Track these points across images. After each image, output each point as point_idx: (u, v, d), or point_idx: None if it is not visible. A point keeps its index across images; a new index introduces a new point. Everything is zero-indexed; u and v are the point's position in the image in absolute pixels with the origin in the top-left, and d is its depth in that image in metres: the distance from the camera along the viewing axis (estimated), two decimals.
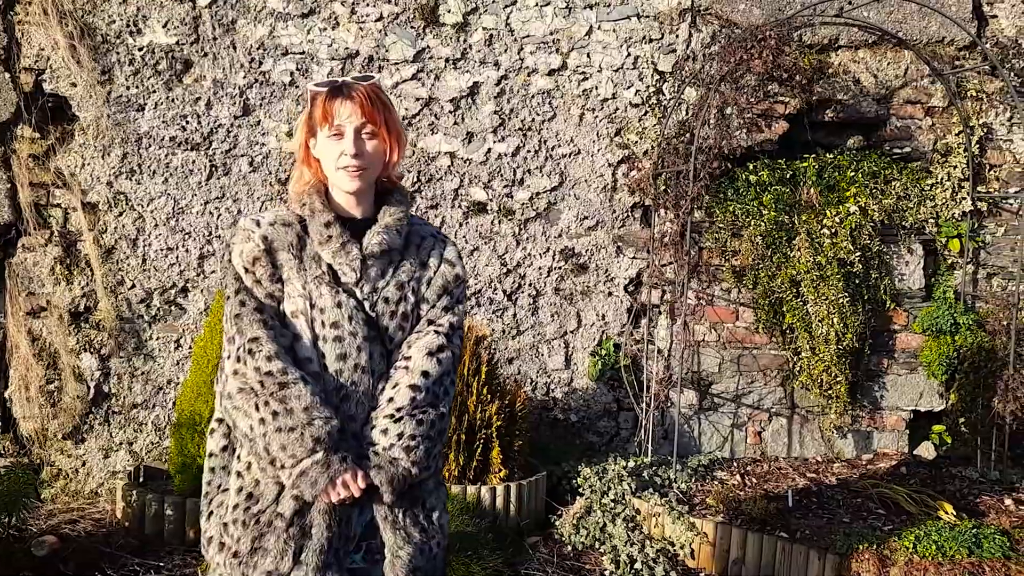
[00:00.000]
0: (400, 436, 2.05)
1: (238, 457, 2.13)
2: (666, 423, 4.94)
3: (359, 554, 2.15)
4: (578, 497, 4.32)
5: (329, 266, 2.10)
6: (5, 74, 4.47)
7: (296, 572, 2.01)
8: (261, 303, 2.07)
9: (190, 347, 4.73)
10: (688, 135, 4.66)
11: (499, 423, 4.14)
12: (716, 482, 4.44)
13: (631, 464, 4.49)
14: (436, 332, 2.16)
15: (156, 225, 4.66)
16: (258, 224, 2.13)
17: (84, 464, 4.73)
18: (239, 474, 2.09)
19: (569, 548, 4.09)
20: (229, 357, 2.06)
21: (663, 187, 4.77)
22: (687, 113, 4.83)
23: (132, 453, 4.73)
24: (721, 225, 4.82)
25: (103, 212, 4.64)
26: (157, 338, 4.73)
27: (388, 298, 2.14)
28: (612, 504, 4.16)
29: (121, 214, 4.64)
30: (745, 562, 3.76)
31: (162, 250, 4.67)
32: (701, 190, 4.50)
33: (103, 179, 4.61)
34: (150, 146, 4.62)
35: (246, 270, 2.09)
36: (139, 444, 4.74)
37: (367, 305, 2.11)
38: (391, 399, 2.08)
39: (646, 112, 4.88)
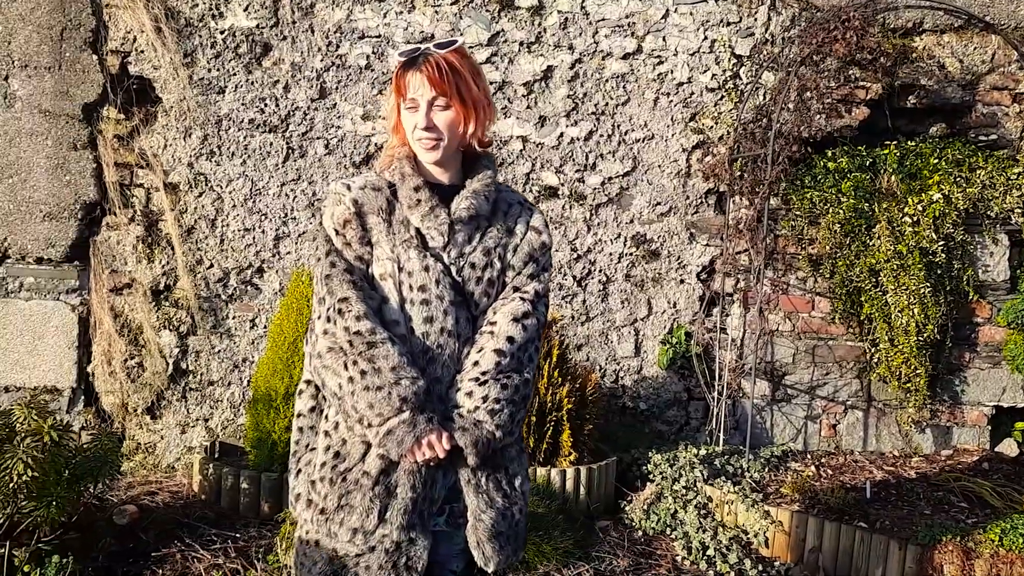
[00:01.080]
0: (485, 399, 2.05)
1: (326, 417, 2.15)
2: (737, 413, 4.88)
3: (442, 517, 2.16)
4: (648, 483, 4.29)
5: (417, 230, 2.12)
6: (93, 56, 4.59)
7: (381, 530, 2.02)
8: (351, 265, 2.09)
9: (265, 326, 4.81)
10: (765, 120, 4.59)
11: (569, 406, 4.13)
12: (790, 472, 4.37)
13: (702, 452, 4.44)
14: (522, 299, 2.16)
15: (234, 206, 4.74)
16: (349, 188, 2.15)
17: (162, 439, 4.84)
18: (327, 433, 2.12)
19: (639, 533, 4.06)
20: (319, 317, 2.08)
21: (739, 173, 4.71)
22: (764, 98, 4.76)
23: (208, 429, 4.83)
24: (798, 212, 4.74)
25: (184, 192, 4.74)
26: (233, 317, 4.82)
27: (475, 263, 2.14)
28: (683, 491, 4.12)
29: (201, 194, 4.73)
30: (822, 551, 3.69)
31: (239, 231, 4.76)
32: (779, 175, 4.42)
33: (184, 160, 4.71)
34: (229, 128, 4.70)
35: (336, 232, 2.11)
36: (215, 420, 4.83)
37: (454, 270, 2.12)
38: (476, 363, 2.09)
39: (722, 96, 4.82)
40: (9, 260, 4.66)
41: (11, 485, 3.15)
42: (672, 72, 4.80)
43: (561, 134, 4.80)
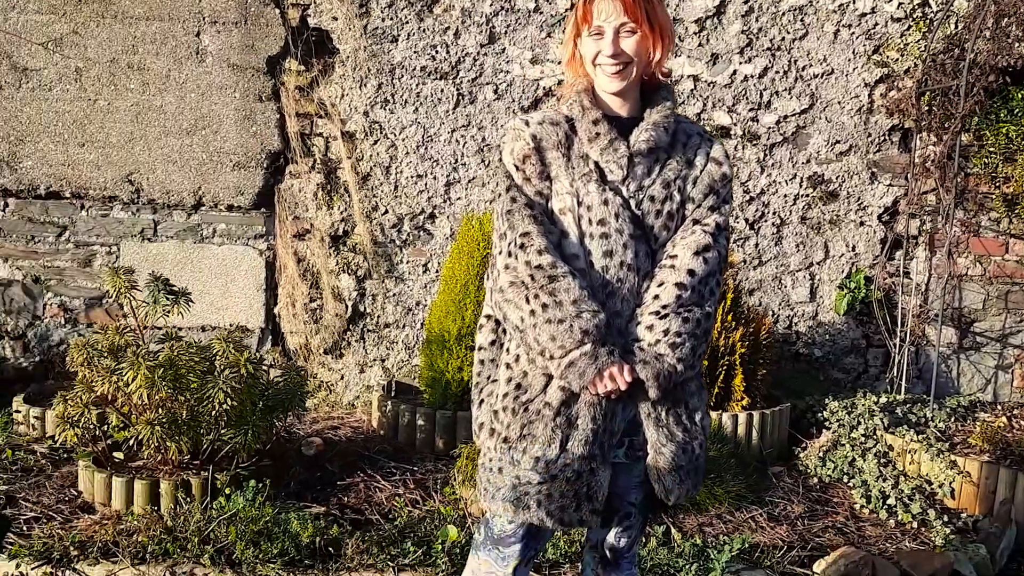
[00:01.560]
0: (666, 332, 2.04)
1: (507, 350, 2.19)
2: (920, 362, 4.66)
3: (621, 449, 2.17)
4: (824, 430, 4.17)
5: (596, 164, 2.11)
6: (275, 10, 4.79)
7: (563, 459, 2.06)
8: (531, 200, 2.11)
9: (437, 271, 4.94)
10: (957, 50, 4.29)
11: (742, 351, 4.05)
12: (978, 423, 4.14)
13: (882, 400, 4.27)
14: (703, 231, 2.12)
15: (407, 153, 4.87)
16: (527, 123, 2.16)
17: (342, 377, 5.08)
18: (508, 365, 2.16)
19: (815, 480, 3.97)
20: (500, 253, 2.11)
21: (926, 107, 4.43)
22: (956, 26, 4.44)
23: (384, 369, 5.03)
24: (992, 149, 4.43)
25: (360, 140, 4.90)
26: (407, 262, 4.97)
27: (654, 196, 2.11)
28: (862, 439, 3.98)
29: (376, 142, 4.88)
30: (1015, 503, 3.50)
31: (412, 177, 4.89)
32: (972, 108, 4.14)
33: (360, 109, 4.86)
34: (402, 76, 4.81)
35: (516, 168, 2.13)
36: (391, 361, 5.03)
37: (633, 203, 2.10)
38: (656, 296, 2.07)
39: (909, 27, 4.53)
40: (203, 208, 4.97)
41: (213, 413, 3.39)
42: (854, 2, 4.55)
43: (734, 72, 4.65)
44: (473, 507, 3.52)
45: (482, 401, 2.24)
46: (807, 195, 4.70)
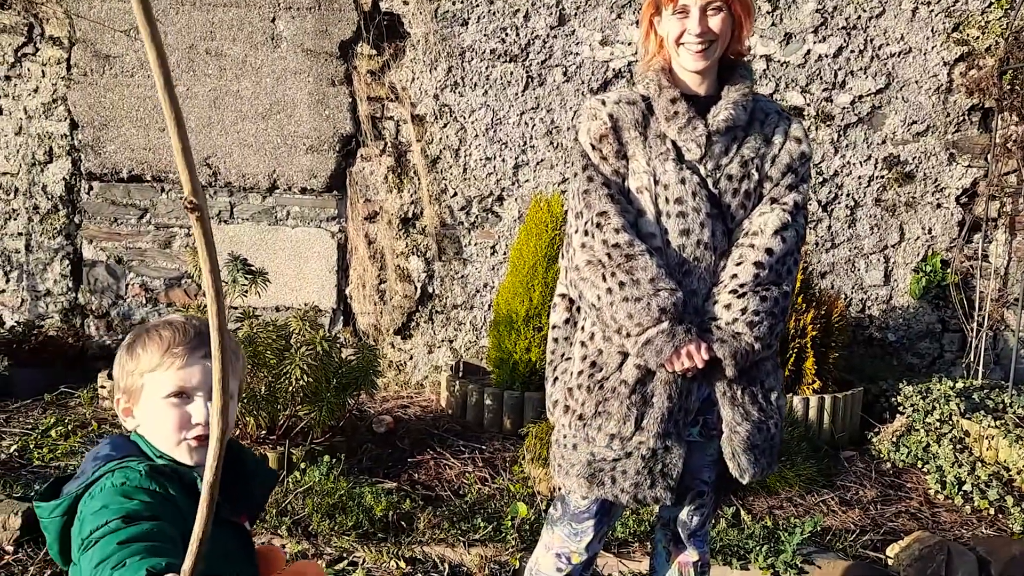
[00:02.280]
0: (743, 311, 2.04)
1: (581, 328, 2.22)
2: (998, 347, 4.55)
3: (696, 427, 2.18)
4: (898, 415, 4.11)
5: (673, 143, 2.11)
6: None
7: (637, 437, 2.08)
8: (607, 179, 2.12)
9: (504, 253, 4.97)
10: None
11: (814, 333, 4.01)
12: None
13: (959, 385, 4.19)
14: (781, 210, 2.11)
15: (476, 136, 4.90)
16: (604, 103, 2.17)
17: (411, 358, 5.16)
18: (582, 343, 2.18)
19: (888, 465, 3.92)
20: (577, 232, 2.13)
21: (1008, 86, 4.31)
22: None
23: (452, 349, 5.09)
24: None
25: (429, 124, 4.95)
26: (475, 244, 5.02)
27: (731, 175, 2.11)
28: (937, 424, 3.91)
29: (445, 125, 4.92)
30: None
31: (481, 160, 4.92)
32: None
33: (430, 92, 4.91)
34: (472, 59, 4.84)
35: (593, 147, 2.14)
36: (459, 342, 5.09)
37: (710, 182, 2.10)
38: (734, 275, 2.07)
39: (990, 4, 4.41)
40: (278, 190, 5.08)
41: (290, 389, 3.48)
42: None
43: (808, 51, 4.58)
44: (542, 485, 3.56)
45: (556, 379, 2.27)
46: (882, 176, 4.62)
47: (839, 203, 4.67)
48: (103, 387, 4.50)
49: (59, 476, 1.37)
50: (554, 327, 2.32)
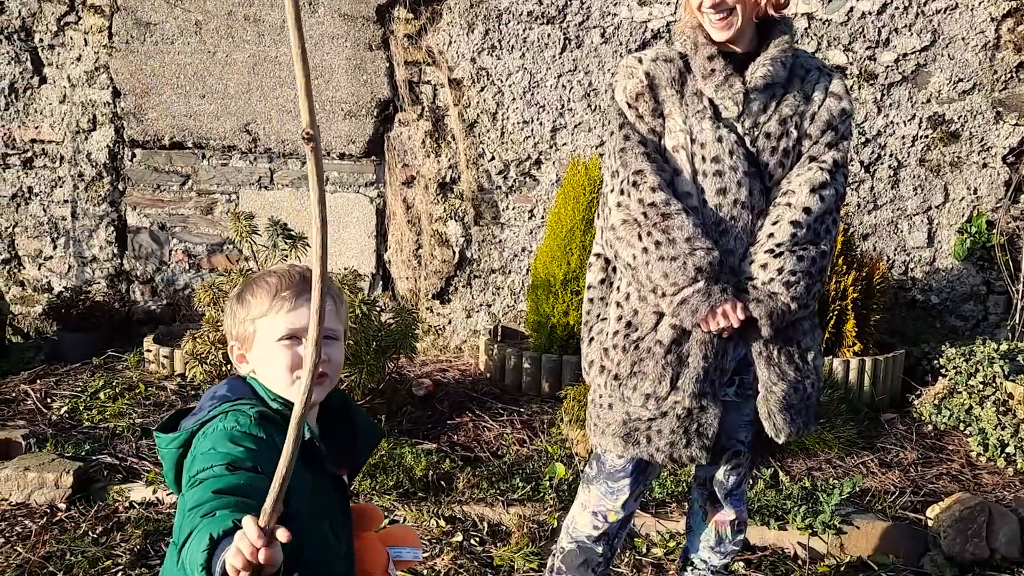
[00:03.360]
0: (780, 271, 2.03)
1: (617, 288, 2.22)
2: None
3: (732, 387, 2.19)
4: (940, 378, 4.07)
5: (711, 101, 2.09)
6: None
7: (673, 397, 2.08)
8: (644, 137, 2.11)
9: (542, 217, 4.97)
10: None
11: (854, 295, 3.97)
12: None
13: (1003, 348, 4.13)
14: (820, 168, 2.09)
15: (513, 99, 4.89)
16: (640, 60, 2.15)
17: (449, 322, 5.19)
18: (618, 304, 2.19)
19: (929, 427, 3.89)
20: (612, 191, 2.13)
21: None
22: None
23: (491, 314, 5.12)
24: None
25: (466, 87, 4.94)
26: (513, 208, 5.02)
27: (770, 133, 2.09)
28: (980, 386, 3.87)
29: (482, 89, 4.91)
30: None
31: (518, 123, 4.91)
32: None
33: (467, 55, 4.89)
34: (509, 21, 4.81)
35: (629, 105, 2.13)
36: (496, 306, 5.11)
37: (748, 140, 2.09)
38: (771, 235, 2.06)
39: None
40: None
41: None
42: None
43: (851, 8, 4.49)
44: (579, 447, 3.59)
45: (592, 339, 2.28)
46: (926, 136, 4.53)
47: (882, 163, 4.60)
48: (149, 351, 4.60)
49: (179, 410, 1.47)
50: (589, 287, 2.33)
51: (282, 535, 1.06)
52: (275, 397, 1.45)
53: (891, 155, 4.59)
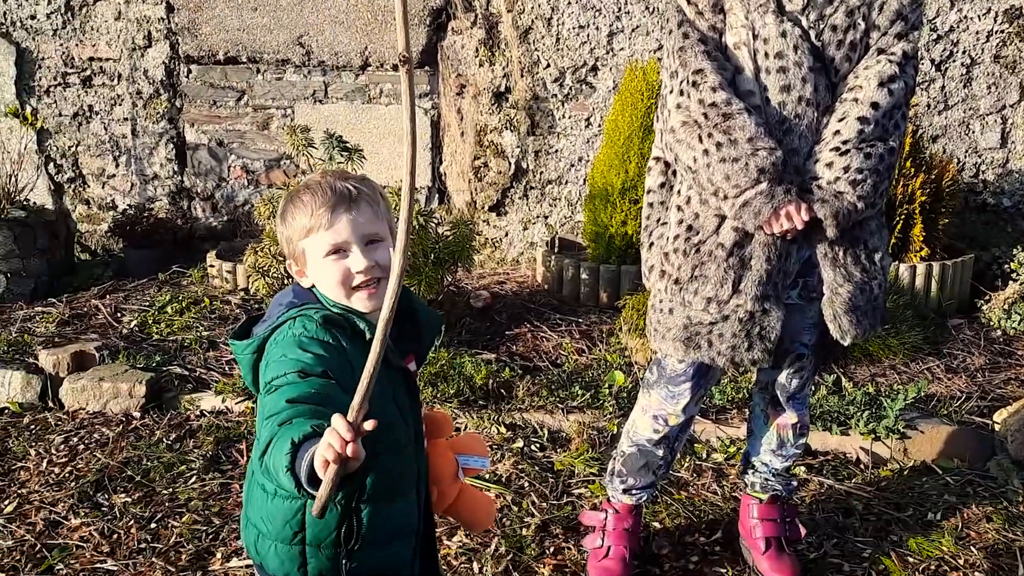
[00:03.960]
0: (846, 169, 1.96)
1: (677, 192, 2.18)
2: None
3: (795, 290, 2.15)
4: (1010, 282, 3.96)
5: None
6: None
7: (735, 300, 2.06)
8: (703, 35, 2.04)
9: (599, 125, 4.88)
10: None
11: (922, 199, 3.86)
12: None
13: None
14: (888, 61, 2.00)
15: (568, 3, 4.76)
16: None
17: (506, 235, 5.18)
18: (678, 208, 2.15)
19: (998, 333, 3.80)
20: (671, 92, 2.07)
21: None
22: None
23: (547, 225, 5.09)
24: None
25: None
26: (569, 117, 4.93)
27: (836, 26, 2.00)
28: None
29: None
30: None
31: (574, 29, 4.79)
32: None
33: None
34: None
35: (688, 1, 2.05)
36: (553, 217, 5.08)
37: (813, 34, 2.00)
38: (837, 132, 1.99)
39: None
40: (369, 68, 5.06)
41: None
42: None
43: None
44: (638, 355, 3.59)
45: (652, 244, 2.25)
46: (1002, 31, 4.32)
47: (954, 61, 4.40)
48: (212, 266, 4.68)
49: (251, 317, 1.52)
50: (649, 192, 2.29)
51: (369, 424, 1.12)
52: (334, 304, 1.47)
53: (964, 52, 4.39)
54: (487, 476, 2.89)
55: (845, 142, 1.97)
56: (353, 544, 1.41)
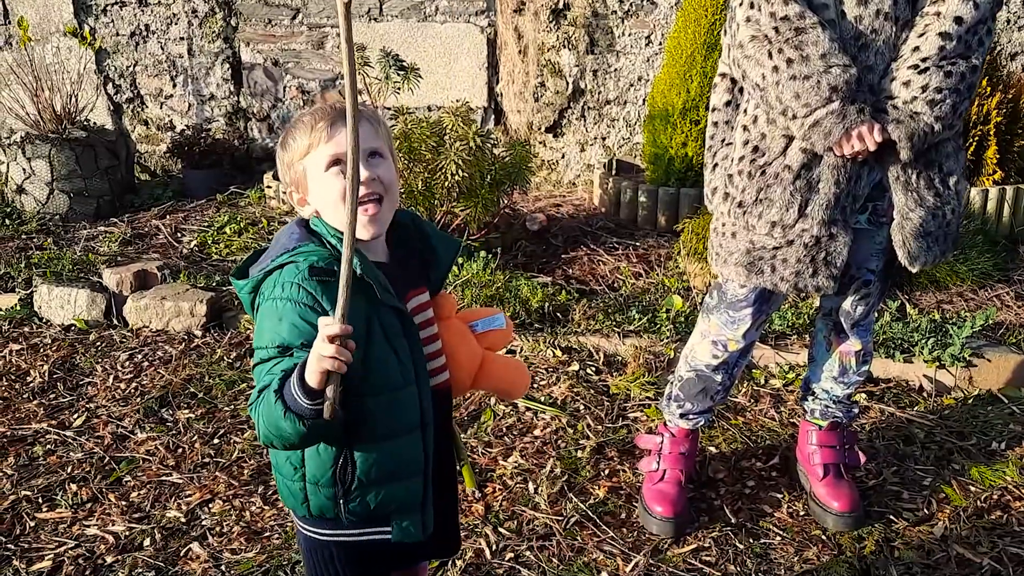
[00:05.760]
0: (924, 88, 1.87)
1: (744, 111, 2.10)
2: None
3: (864, 215, 2.08)
4: None
5: None
6: None
7: (800, 224, 2.00)
8: None
9: (660, 43, 4.75)
10: None
11: (998, 119, 3.70)
12: None
13: None
14: None
15: None
16: None
17: (563, 156, 5.11)
18: (744, 127, 2.08)
19: None
20: (740, 4, 1.98)
21: None
22: None
23: (605, 147, 5.00)
24: None
25: None
26: (629, 34, 4.80)
27: None
28: None
29: None
30: None
31: None
32: None
33: None
34: None
35: None
36: (611, 139, 4.99)
37: None
38: (916, 48, 1.89)
39: None
40: None
41: (446, 184, 3.53)
42: None
43: None
44: (697, 280, 3.54)
45: (715, 165, 2.18)
46: None
47: None
48: (269, 187, 4.71)
49: (253, 253, 1.51)
50: (714, 110, 2.21)
51: (348, 335, 1.24)
52: (335, 233, 1.45)
53: None
54: (543, 398, 2.90)
55: (925, 59, 1.87)
56: (350, 483, 1.42)
